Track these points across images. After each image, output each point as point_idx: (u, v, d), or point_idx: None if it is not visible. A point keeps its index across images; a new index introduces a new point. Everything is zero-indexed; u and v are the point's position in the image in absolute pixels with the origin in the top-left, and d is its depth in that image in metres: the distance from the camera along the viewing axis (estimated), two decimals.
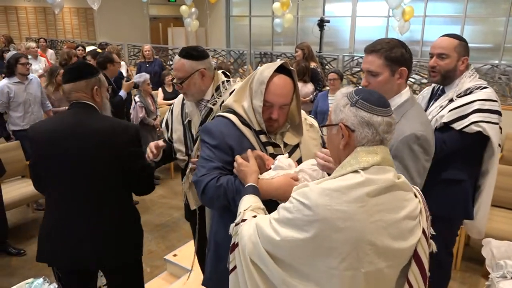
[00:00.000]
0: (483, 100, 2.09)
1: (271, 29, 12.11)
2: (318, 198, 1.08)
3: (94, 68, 2.05)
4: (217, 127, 1.65)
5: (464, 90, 2.15)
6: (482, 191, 2.31)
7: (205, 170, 1.59)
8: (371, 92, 1.23)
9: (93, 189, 1.92)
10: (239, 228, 1.30)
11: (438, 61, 2.19)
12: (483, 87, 2.15)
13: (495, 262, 2.43)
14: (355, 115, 1.16)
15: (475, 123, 2.08)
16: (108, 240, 1.98)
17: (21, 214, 4.39)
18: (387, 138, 1.18)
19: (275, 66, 1.60)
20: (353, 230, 1.07)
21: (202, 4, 10.70)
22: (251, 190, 1.45)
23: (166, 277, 3.26)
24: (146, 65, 7.12)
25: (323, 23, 7.91)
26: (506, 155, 4.77)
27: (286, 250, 1.14)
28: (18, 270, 3.45)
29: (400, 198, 1.16)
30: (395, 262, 1.16)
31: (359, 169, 1.14)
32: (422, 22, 10.16)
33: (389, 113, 1.18)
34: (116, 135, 1.89)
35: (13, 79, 4.36)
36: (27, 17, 12.09)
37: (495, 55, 9.51)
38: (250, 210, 1.35)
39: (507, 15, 9.16)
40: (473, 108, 2.09)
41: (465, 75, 2.19)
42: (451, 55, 2.17)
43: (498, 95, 5.34)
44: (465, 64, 2.19)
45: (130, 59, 9.72)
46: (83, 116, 1.92)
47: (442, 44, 2.20)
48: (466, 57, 2.18)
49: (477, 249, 3.44)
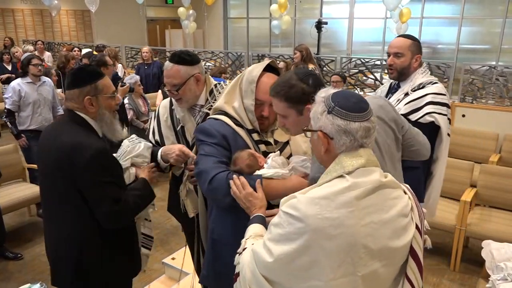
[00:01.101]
0: (435, 93, 2.30)
1: (268, 31, 12.12)
2: (308, 209, 1.08)
3: (93, 74, 1.83)
4: (213, 126, 1.68)
5: (417, 84, 2.36)
6: (434, 176, 2.49)
7: (211, 163, 1.59)
8: (349, 96, 1.19)
9: (54, 206, 1.84)
10: (240, 259, 1.29)
11: (394, 60, 2.41)
12: (434, 82, 2.37)
13: (495, 264, 2.42)
14: (332, 123, 1.15)
15: (429, 113, 2.27)
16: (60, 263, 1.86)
17: (18, 218, 4.37)
18: (366, 143, 1.16)
19: (263, 65, 1.67)
20: (345, 236, 1.06)
21: (199, 6, 10.71)
22: (257, 220, 1.42)
23: (165, 280, 3.24)
24: (145, 67, 7.10)
25: (321, 25, 7.92)
26: (504, 156, 4.78)
27: (282, 270, 1.12)
28: (15, 274, 3.43)
29: (388, 197, 1.16)
30: (391, 261, 1.16)
31: (344, 173, 1.13)
32: (420, 24, 10.18)
33: (366, 117, 1.16)
34: (72, 155, 1.69)
35: (26, 79, 4.42)
36: (24, 19, 12.06)
37: (492, 57, 9.54)
38: (252, 238, 1.34)
39: (504, 16, 9.19)
40: (426, 100, 2.29)
41: (418, 72, 2.40)
42: (406, 54, 2.38)
43: (495, 97, 5.35)
44: (418, 62, 2.40)
45: (127, 61, 9.71)
46: (60, 127, 1.83)
47: (397, 44, 2.41)
48: (419, 55, 2.40)
49: (475, 251, 3.44)
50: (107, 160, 1.76)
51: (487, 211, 3.65)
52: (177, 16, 10.73)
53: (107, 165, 1.75)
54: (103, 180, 1.71)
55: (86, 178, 1.70)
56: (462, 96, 5.46)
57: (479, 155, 4.76)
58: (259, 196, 1.48)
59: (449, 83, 5.69)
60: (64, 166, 1.71)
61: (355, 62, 6.77)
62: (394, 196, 1.18)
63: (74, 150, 1.69)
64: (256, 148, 1.68)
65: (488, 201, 3.73)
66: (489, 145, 4.89)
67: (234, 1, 13.88)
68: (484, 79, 5.35)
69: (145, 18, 13.73)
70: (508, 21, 9.17)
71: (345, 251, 1.07)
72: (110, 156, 1.80)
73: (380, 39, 10.89)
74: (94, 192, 1.72)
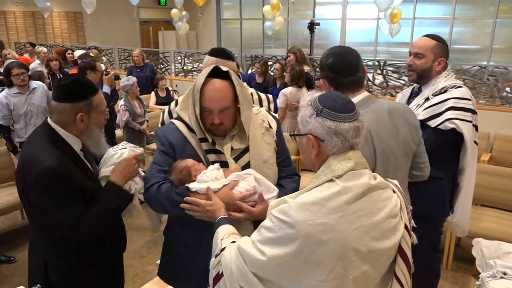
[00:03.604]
0: (457, 98, 2.14)
1: (262, 32, 12.15)
2: (298, 215, 1.08)
3: (88, 88, 1.70)
4: (164, 133, 1.70)
5: (439, 89, 2.20)
6: (460, 189, 2.35)
7: (153, 170, 1.66)
8: (336, 97, 1.19)
9: (28, 217, 1.77)
10: (220, 258, 1.27)
11: (414, 60, 2.26)
12: (458, 86, 2.20)
13: (485, 261, 2.45)
14: (322, 125, 1.15)
15: (449, 120, 2.12)
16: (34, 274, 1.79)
17: (10, 221, 4.34)
18: (356, 143, 1.17)
19: (207, 72, 1.58)
20: (336, 241, 1.07)
21: (193, 8, 10.70)
22: (223, 221, 1.43)
23: (158, 282, 3.23)
24: (137, 70, 7.04)
25: (314, 25, 7.94)
26: (495, 155, 4.82)
27: (274, 269, 1.12)
28: (8, 277, 3.41)
29: (378, 199, 1.17)
30: (380, 262, 1.17)
31: (334, 177, 1.14)
32: (412, 24, 10.26)
33: (355, 117, 1.16)
34: (23, 171, 1.60)
35: (13, 89, 4.07)
36: (16, 21, 11.98)
37: (483, 56, 9.63)
38: (226, 237, 1.34)
39: (494, 16, 9.28)
40: (447, 106, 2.13)
41: (441, 75, 2.24)
42: (427, 55, 2.22)
43: (486, 96, 5.38)
44: (441, 65, 2.24)
45: (120, 63, 9.68)
46: (31, 139, 1.74)
47: (419, 44, 2.27)
48: (443, 58, 2.23)
49: (467, 249, 3.47)
50: (57, 179, 1.56)
51: (479, 210, 3.68)
52: (170, 18, 10.73)
53: (56, 186, 1.56)
54: (50, 202, 1.56)
55: (33, 197, 1.58)
56: None
57: None
58: (214, 202, 1.50)
59: None
60: (19, 181, 1.65)
61: None
62: (384, 198, 1.19)
63: (25, 166, 1.60)
64: (204, 157, 1.64)
65: (479, 199, 3.76)
66: (480, 144, 4.85)
67: (227, 2, 13.90)
68: (475, 79, 5.40)
69: (138, 19, 13.71)
70: (499, 21, 9.27)
71: (336, 255, 1.07)
72: (59, 176, 1.57)
73: (373, 40, 10.96)
74: (42, 214, 1.59)
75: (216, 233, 1.39)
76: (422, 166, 1.90)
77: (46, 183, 1.55)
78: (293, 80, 4.95)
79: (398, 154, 1.73)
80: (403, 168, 1.78)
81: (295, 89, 4.92)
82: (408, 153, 1.80)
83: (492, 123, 4.97)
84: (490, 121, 4.99)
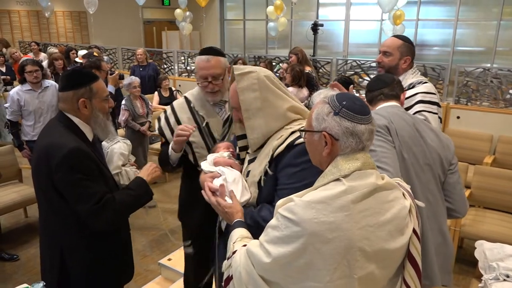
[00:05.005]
0: (424, 92, 2.31)
1: (265, 32, 12.15)
2: (304, 213, 1.09)
3: (88, 76, 1.85)
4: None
5: (407, 84, 2.36)
6: None
7: None
8: (354, 99, 1.20)
9: (41, 209, 1.87)
10: (231, 261, 1.29)
11: (383, 58, 2.43)
12: (424, 82, 2.38)
13: (487, 264, 2.45)
14: (339, 124, 1.15)
15: (419, 112, 2.27)
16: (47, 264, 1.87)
17: (14, 219, 4.36)
18: (368, 145, 1.19)
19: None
20: (341, 240, 1.08)
21: (196, 8, 10.72)
22: (239, 225, 1.45)
23: (161, 281, 3.25)
24: (140, 69, 7.07)
25: (317, 26, 7.94)
26: (498, 158, 4.82)
27: (279, 271, 1.13)
28: (12, 275, 3.43)
29: (385, 200, 1.17)
30: (387, 263, 1.17)
31: (341, 177, 1.14)
32: (415, 26, 10.24)
33: (370, 120, 1.19)
34: (47, 156, 1.71)
35: (25, 86, 4.14)
36: (20, 20, 12.02)
37: (487, 59, 9.60)
38: (239, 241, 1.35)
39: (498, 19, 9.26)
40: (416, 99, 2.30)
41: (408, 72, 2.42)
42: (394, 54, 2.39)
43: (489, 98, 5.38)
44: (407, 63, 2.41)
45: (124, 63, 9.71)
46: (48, 129, 1.86)
47: (387, 43, 2.44)
48: (409, 57, 2.40)
49: (470, 251, 3.46)
50: (81, 160, 1.71)
51: (481, 212, 3.68)
52: (173, 18, 10.74)
53: (81, 165, 1.70)
54: (76, 179, 1.69)
55: (59, 178, 1.69)
56: (456, 98, 5.50)
57: (474, 157, 4.80)
58: (233, 205, 1.52)
59: (444, 85, 5.72)
60: (42, 167, 1.73)
61: (351, 64, 6.80)
62: (391, 199, 1.19)
63: (49, 151, 1.71)
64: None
65: (482, 202, 3.76)
66: (483, 146, 4.93)
67: (230, 3, 13.90)
68: (479, 81, 5.39)
69: (142, 19, 13.73)
70: (503, 23, 9.24)
71: (341, 254, 1.08)
72: (85, 156, 1.73)
73: (376, 41, 10.94)
74: (70, 192, 1.71)
75: (230, 235, 1.41)
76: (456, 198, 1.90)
77: (73, 161, 1.68)
78: (294, 80, 4.96)
79: (421, 164, 1.78)
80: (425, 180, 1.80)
81: (295, 89, 4.93)
82: (434, 169, 1.82)
83: (495, 126, 4.97)
84: (493, 123, 4.99)
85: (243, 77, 1.55)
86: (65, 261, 1.80)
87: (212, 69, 2.02)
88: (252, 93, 1.54)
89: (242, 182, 1.57)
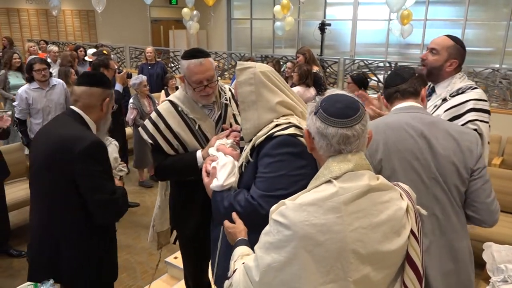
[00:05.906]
0: (476, 99, 2.14)
1: (272, 32, 12.15)
2: (295, 216, 1.08)
3: (109, 82, 2.04)
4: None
5: (456, 90, 2.20)
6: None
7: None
8: (338, 100, 1.17)
9: (45, 201, 1.88)
10: (232, 280, 1.28)
11: (428, 55, 2.26)
12: (474, 87, 2.21)
13: (496, 266, 2.44)
14: (314, 124, 1.17)
15: (472, 121, 2.11)
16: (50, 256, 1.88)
17: (22, 216, 4.39)
18: (345, 150, 1.15)
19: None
20: (334, 242, 1.06)
21: (203, 7, 10.74)
22: (241, 243, 1.43)
23: (167, 279, 3.26)
24: (148, 67, 7.12)
25: (324, 26, 7.93)
26: (506, 159, 4.78)
27: (273, 279, 1.10)
28: (20, 271, 3.46)
29: (378, 201, 1.14)
30: (383, 265, 1.14)
31: (332, 178, 1.13)
32: (423, 26, 10.19)
33: (348, 125, 1.13)
34: (69, 146, 1.75)
35: (33, 84, 4.17)
36: (29, 19, 12.12)
37: (496, 59, 9.53)
38: (240, 259, 1.34)
39: (507, 19, 9.18)
40: (468, 107, 2.13)
41: (455, 76, 2.24)
42: (441, 53, 2.22)
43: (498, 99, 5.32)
44: (453, 67, 2.23)
45: (131, 61, 9.76)
46: (59, 123, 1.90)
47: (436, 41, 2.28)
48: (456, 60, 2.22)
49: (477, 253, 3.43)
50: (101, 152, 1.83)
51: None
52: (181, 17, 10.78)
53: (101, 157, 1.83)
54: (97, 170, 1.80)
55: (81, 167, 1.76)
56: None
57: None
58: (235, 225, 1.50)
59: None
60: (60, 157, 1.77)
61: (358, 63, 6.78)
62: (385, 200, 1.16)
63: (71, 141, 1.77)
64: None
65: None
66: (491, 148, 4.89)
67: (237, 2, 13.92)
68: (488, 81, 5.35)
69: (149, 18, 13.79)
70: None
71: (334, 257, 1.07)
72: (104, 150, 1.86)
73: (384, 41, 10.90)
74: (90, 181, 1.79)
75: (232, 254, 1.40)
76: (479, 207, 1.73)
77: (95, 153, 1.79)
78: (301, 79, 4.95)
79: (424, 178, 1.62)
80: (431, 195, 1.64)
81: (302, 89, 4.92)
82: (447, 181, 1.64)
83: (504, 127, 4.93)
84: (502, 125, 4.95)
85: (242, 72, 1.62)
86: (59, 257, 1.85)
87: (206, 72, 1.98)
88: (249, 86, 1.61)
89: (231, 167, 1.68)
